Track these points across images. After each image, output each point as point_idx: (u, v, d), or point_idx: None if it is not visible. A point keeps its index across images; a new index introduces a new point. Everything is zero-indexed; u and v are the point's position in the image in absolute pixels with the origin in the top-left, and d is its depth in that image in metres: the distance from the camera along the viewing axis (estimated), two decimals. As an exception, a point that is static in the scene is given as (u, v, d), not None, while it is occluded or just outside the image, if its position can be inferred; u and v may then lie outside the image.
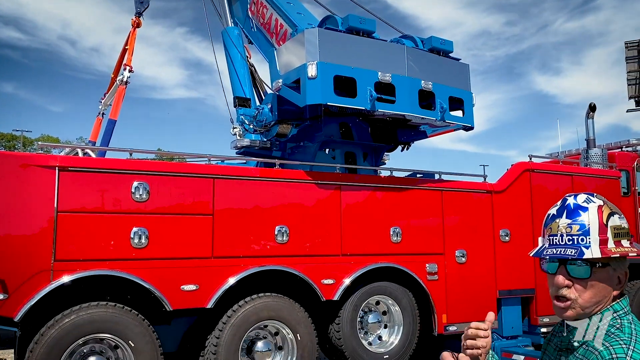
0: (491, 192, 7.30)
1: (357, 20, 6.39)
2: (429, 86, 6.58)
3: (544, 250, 1.61)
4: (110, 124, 10.35)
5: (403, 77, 6.44)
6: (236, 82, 8.65)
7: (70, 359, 4.99)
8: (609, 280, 1.53)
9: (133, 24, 10.94)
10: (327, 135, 7.29)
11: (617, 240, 1.54)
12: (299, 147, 7.61)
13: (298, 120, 7.03)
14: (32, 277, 4.89)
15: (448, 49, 6.97)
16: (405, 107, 6.41)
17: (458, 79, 6.96)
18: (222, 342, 5.57)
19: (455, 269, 6.90)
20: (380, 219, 6.52)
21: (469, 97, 6.99)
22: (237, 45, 8.79)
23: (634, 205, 8.93)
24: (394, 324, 6.61)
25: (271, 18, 8.16)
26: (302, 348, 5.95)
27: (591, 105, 9.12)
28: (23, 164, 4.99)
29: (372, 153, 7.75)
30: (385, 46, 6.62)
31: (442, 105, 6.61)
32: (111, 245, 5.21)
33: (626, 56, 23.34)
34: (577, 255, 1.51)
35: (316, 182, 6.23)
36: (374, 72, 6.23)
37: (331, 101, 6.03)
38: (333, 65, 6.05)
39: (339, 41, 6.25)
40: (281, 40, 7.76)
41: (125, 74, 10.66)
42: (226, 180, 5.79)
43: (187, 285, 5.47)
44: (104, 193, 5.25)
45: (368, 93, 6.13)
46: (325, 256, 6.16)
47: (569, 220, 1.56)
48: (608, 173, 8.63)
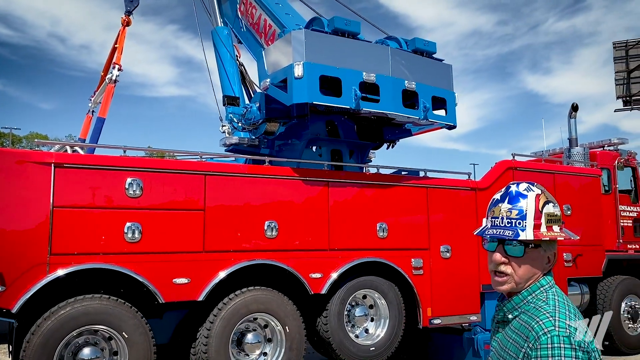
0: (475, 189, 7.56)
1: (343, 22, 6.63)
2: (412, 86, 6.83)
3: (486, 230, 1.82)
4: (99, 122, 10.49)
5: (387, 77, 6.69)
6: (225, 81, 8.84)
7: (65, 349, 5.18)
8: (540, 260, 1.76)
9: (123, 22, 11.07)
10: (313, 133, 7.52)
11: (549, 225, 1.75)
12: (287, 145, 7.83)
13: (285, 118, 7.25)
14: (29, 270, 5.07)
15: (431, 50, 7.23)
16: (389, 106, 6.66)
17: (441, 79, 7.22)
18: (213, 333, 5.78)
19: (440, 264, 7.16)
20: (367, 214, 6.76)
21: (451, 97, 7.25)
22: (226, 45, 8.99)
23: (614, 202, 9.23)
24: (380, 317, 6.85)
25: (260, 18, 8.37)
26: (291, 340, 6.17)
27: (573, 105, 9.41)
28: (19, 160, 5.17)
29: (358, 150, 8.00)
30: (370, 47, 6.86)
31: (425, 104, 6.86)
32: (105, 240, 5.40)
33: (614, 56, 23.74)
34: (513, 236, 1.72)
35: (305, 178, 6.45)
36: (358, 72, 6.47)
37: (317, 100, 6.26)
38: (319, 66, 6.28)
39: (325, 42, 6.48)
40: (270, 40, 7.97)
41: (114, 72, 10.79)
42: (217, 177, 6.00)
43: (179, 278, 5.67)
44: (99, 189, 5.44)
45: (353, 92, 6.37)
46: (313, 251, 6.39)
47: (510, 205, 1.77)
48: (589, 171, 8.92)
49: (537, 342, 1.59)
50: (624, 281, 8.81)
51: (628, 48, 23.32)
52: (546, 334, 1.59)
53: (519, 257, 1.74)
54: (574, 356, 1.54)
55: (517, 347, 1.67)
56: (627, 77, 23.37)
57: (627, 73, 23.22)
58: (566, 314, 1.65)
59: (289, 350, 6.15)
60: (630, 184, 9.71)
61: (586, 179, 8.76)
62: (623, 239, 9.18)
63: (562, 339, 1.57)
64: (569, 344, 1.56)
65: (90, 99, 11.74)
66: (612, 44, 23.86)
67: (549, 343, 1.57)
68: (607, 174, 9.31)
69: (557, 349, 1.55)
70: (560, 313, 1.65)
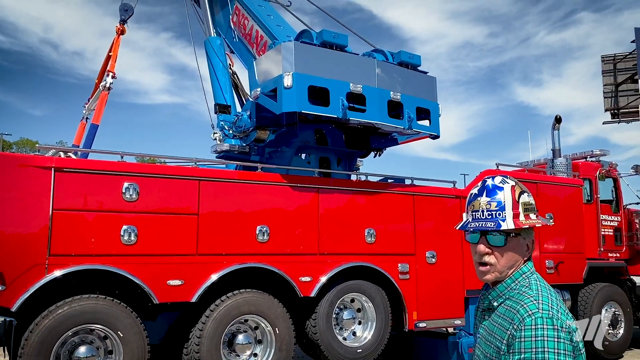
0: (460, 197, 7.87)
1: (331, 35, 6.96)
2: (397, 97, 7.16)
3: (468, 224, 1.91)
4: (93, 129, 10.72)
5: (373, 88, 7.01)
6: (217, 89, 9.12)
7: (61, 348, 5.39)
8: (520, 248, 1.86)
9: (117, 31, 11.31)
10: (302, 141, 7.83)
11: (527, 214, 1.86)
12: (276, 152, 8.12)
13: (275, 126, 7.54)
14: (28, 271, 5.29)
15: (416, 63, 7.58)
16: (374, 115, 6.99)
17: (425, 91, 7.57)
18: (205, 334, 6.02)
19: (425, 269, 7.45)
20: (356, 220, 7.05)
21: (435, 108, 7.60)
22: (219, 55, 9.27)
23: (596, 212, 9.58)
24: (368, 320, 7.11)
25: (252, 29, 8.68)
26: (280, 341, 6.41)
27: (557, 117, 9.79)
28: (21, 164, 5.42)
29: (345, 158, 8.32)
30: (357, 59, 7.20)
31: (410, 114, 7.20)
32: (102, 242, 5.64)
33: (602, 69, 24.26)
34: (495, 227, 1.82)
35: (296, 185, 6.74)
36: (346, 83, 6.79)
37: (306, 109, 6.58)
38: (308, 76, 6.59)
39: (313, 54, 6.80)
40: (261, 50, 8.28)
41: (108, 80, 11.03)
42: (211, 182, 6.27)
43: (173, 280, 5.91)
44: (97, 193, 5.68)
45: (340, 102, 6.68)
46: (303, 255, 6.65)
47: (488, 198, 1.87)
48: (572, 181, 9.27)
49: (522, 324, 1.68)
50: (605, 288, 9.14)
51: (616, 61, 23.86)
52: (530, 315, 1.68)
53: (501, 247, 1.84)
54: (556, 336, 1.63)
55: (503, 330, 1.75)
56: (615, 90, 23.88)
57: (615, 86, 23.74)
58: (548, 297, 1.75)
59: (279, 351, 6.39)
60: (612, 194, 10.08)
61: (568, 189, 9.11)
62: (604, 248, 9.52)
63: (545, 320, 1.66)
64: (552, 324, 1.65)
65: (84, 106, 11.96)
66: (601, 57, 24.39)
67: (533, 324, 1.66)
68: (589, 184, 9.67)
69: (540, 329, 1.64)
70: (543, 297, 1.75)
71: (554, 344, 1.62)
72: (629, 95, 23.42)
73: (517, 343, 1.67)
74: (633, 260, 10.09)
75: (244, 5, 8.98)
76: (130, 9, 11.45)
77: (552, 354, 1.60)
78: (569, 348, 1.63)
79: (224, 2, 9.55)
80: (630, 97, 23.33)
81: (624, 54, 23.52)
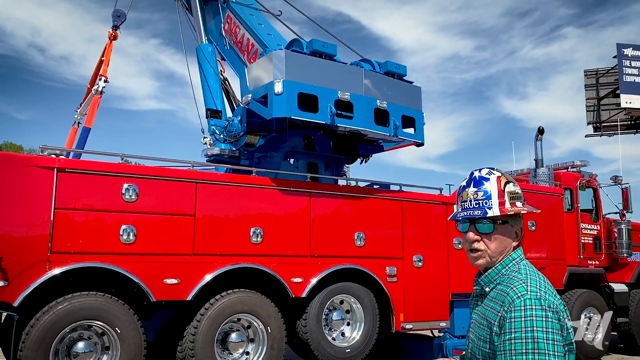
0: (446, 203, 8.25)
1: (320, 44, 7.33)
2: (383, 105, 7.54)
3: (457, 214, 2.04)
4: (85, 132, 10.92)
5: (360, 96, 7.39)
6: (208, 95, 9.41)
7: (60, 344, 5.61)
8: (509, 234, 1.99)
9: (110, 36, 11.55)
10: (291, 146, 8.16)
11: (512, 202, 1.98)
12: (265, 157, 8.43)
13: (265, 131, 7.85)
14: (30, 267, 5.52)
15: (402, 73, 7.99)
16: (361, 123, 7.36)
17: (410, 100, 7.97)
18: (200, 331, 6.27)
19: (412, 272, 7.79)
20: (346, 224, 7.38)
21: (420, 116, 8.00)
22: (210, 62, 9.57)
23: (576, 220, 10.02)
24: (356, 321, 7.41)
25: (243, 37, 9.00)
26: (272, 340, 6.69)
27: (539, 128, 10.25)
28: (25, 164, 5.66)
29: (332, 164, 8.67)
30: (345, 68, 7.57)
31: (395, 122, 7.58)
32: (102, 241, 5.89)
33: (585, 84, 25.03)
34: (482, 214, 1.95)
35: (289, 189, 7.05)
36: (334, 90, 7.16)
37: (295, 115, 6.92)
38: (297, 84, 6.94)
39: (303, 62, 7.16)
40: (252, 58, 8.59)
41: (100, 83, 11.25)
42: (207, 185, 6.55)
43: (169, 279, 6.17)
44: (97, 193, 5.94)
45: (328, 109, 7.03)
46: (295, 256, 6.96)
47: (475, 188, 2.00)
48: (553, 190, 9.71)
49: (512, 305, 1.78)
50: (584, 294, 9.56)
51: (598, 76, 24.65)
52: (519, 297, 1.78)
53: (489, 233, 1.97)
54: (544, 316, 1.73)
55: (495, 312, 1.85)
56: (598, 104, 24.65)
57: (598, 100, 24.51)
58: (537, 280, 1.87)
59: (271, 350, 6.66)
60: (592, 203, 10.54)
61: (550, 197, 9.54)
62: (584, 255, 9.96)
63: (533, 301, 1.76)
64: (540, 305, 1.75)
65: (76, 111, 12.16)
66: (584, 72, 25.16)
67: (522, 305, 1.76)
68: (569, 194, 10.11)
69: (529, 310, 1.74)
70: (531, 279, 1.86)
71: (542, 323, 1.72)
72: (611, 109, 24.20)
73: (507, 324, 1.77)
74: (612, 268, 10.55)
75: (236, 13, 9.30)
76: (123, 15, 11.70)
77: (540, 332, 1.71)
78: (556, 326, 1.74)
79: (215, 10, 9.86)
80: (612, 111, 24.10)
81: (606, 69, 24.31)
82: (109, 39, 11.62)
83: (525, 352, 1.69)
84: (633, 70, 22.87)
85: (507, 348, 1.74)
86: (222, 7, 9.58)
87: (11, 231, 5.53)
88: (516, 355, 1.71)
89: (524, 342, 1.71)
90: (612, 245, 10.45)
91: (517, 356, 1.71)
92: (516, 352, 1.71)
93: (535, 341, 1.70)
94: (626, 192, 10.63)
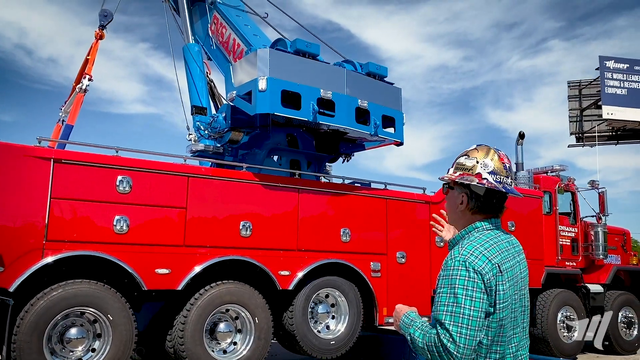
0: (429, 202, 8.61)
1: (304, 44, 7.68)
2: (364, 104, 7.90)
3: None
4: (67, 129, 11.09)
5: (342, 95, 7.74)
6: (194, 93, 9.68)
7: (53, 330, 5.83)
8: (454, 199, 2.32)
9: (96, 35, 11.74)
10: (274, 143, 8.48)
11: (455, 171, 2.30)
12: (249, 154, 8.73)
13: (249, 128, 8.14)
14: (26, 254, 5.76)
15: (383, 74, 8.36)
16: (343, 120, 7.72)
17: (391, 100, 8.36)
18: (190, 320, 6.53)
19: (395, 268, 8.12)
20: (333, 220, 7.71)
21: (400, 117, 8.38)
22: (196, 61, 9.84)
23: (555, 222, 10.44)
24: (341, 314, 7.71)
25: (230, 37, 9.31)
26: (259, 330, 6.96)
27: (520, 133, 10.69)
28: (23, 154, 5.89)
29: (315, 162, 9.01)
30: (327, 68, 7.93)
31: (376, 121, 7.95)
32: (96, 230, 6.14)
33: (568, 95, 25.65)
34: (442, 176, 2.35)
35: (278, 185, 7.35)
36: (316, 89, 7.50)
37: (278, 111, 7.24)
38: (281, 81, 7.26)
39: (287, 61, 7.49)
40: (238, 57, 8.88)
41: (84, 82, 11.43)
42: (199, 179, 6.83)
43: (161, 269, 6.42)
44: (92, 184, 6.20)
45: (311, 107, 7.36)
46: (283, 250, 7.26)
47: None
48: (533, 193, 10.13)
49: (445, 265, 2.12)
50: (561, 294, 9.98)
51: (581, 87, 25.30)
52: (452, 259, 2.10)
53: (445, 194, 2.39)
54: (467, 276, 2.01)
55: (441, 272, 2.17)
56: (580, 115, 25.28)
57: (580, 111, 25.16)
58: (476, 246, 2.10)
59: (257, 340, 6.93)
60: (570, 207, 10.98)
61: (530, 200, 9.96)
62: (561, 256, 10.39)
63: (461, 262, 2.05)
64: (465, 266, 2.03)
65: (60, 109, 12.31)
66: (567, 83, 25.81)
67: (452, 266, 2.07)
68: (548, 197, 10.53)
69: (455, 269, 2.05)
70: (469, 245, 2.11)
71: (464, 282, 2.01)
72: (593, 120, 24.82)
73: (440, 280, 2.11)
74: (588, 270, 10.99)
75: (223, 14, 9.60)
76: (110, 14, 11.91)
77: (460, 288, 2.00)
78: (478, 285, 2.00)
79: (203, 11, 10.15)
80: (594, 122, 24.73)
81: (588, 81, 24.96)
82: (95, 38, 11.83)
83: (447, 304, 2.01)
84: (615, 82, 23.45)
85: (437, 299, 2.07)
86: (209, 8, 9.85)
87: (8, 219, 5.77)
88: (440, 305, 2.03)
89: (447, 296, 2.02)
90: (589, 247, 10.89)
91: (441, 307, 2.03)
92: (440, 303, 2.04)
93: (455, 295, 2.00)
94: (602, 196, 11.10)
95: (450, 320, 1.98)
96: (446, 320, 1.98)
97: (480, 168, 2.22)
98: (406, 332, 2.15)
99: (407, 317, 2.18)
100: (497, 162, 2.25)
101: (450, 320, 1.98)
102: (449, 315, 1.99)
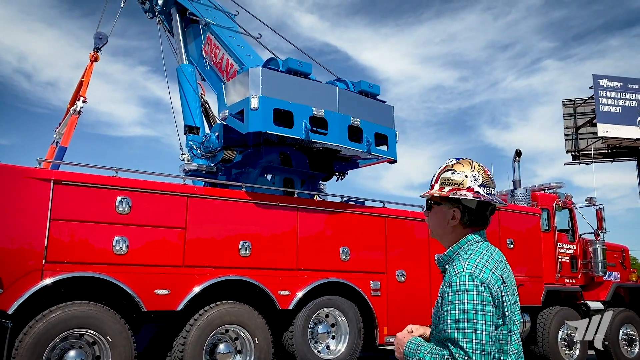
0: (428, 220, 8.61)
1: (296, 63, 7.78)
2: (357, 122, 7.99)
3: None
4: (61, 151, 11.14)
5: (335, 113, 7.84)
6: (187, 113, 9.79)
7: (52, 352, 5.80)
8: (442, 215, 2.24)
9: (91, 58, 11.87)
10: (268, 162, 8.54)
11: (442, 187, 2.22)
12: (242, 173, 8.78)
13: (242, 147, 8.19)
14: (25, 276, 5.77)
15: (375, 92, 8.48)
16: (335, 139, 7.79)
17: (383, 118, 8.46)
18: (189, 341, 6.52)
19: (395, 287, 8.14)
20: (332, 239, 7.75)
21: (392, 134, 8.48)
22: (190, 81, 9.98)
23: (553, 240, 10.48)
24: (341, 334, 7.71)
25: (223, 58, 9.44)
26: (259, 351, 6.94)
27: (517, 151, 10.80)
28: (23, 176, 5.93)
29: (309, 180, 9.06)
30: (320, 86, 8.04)
31: (369, 139, 8.04)
32: (95, 251, 6.16)
33: (563, 113, 25.91)
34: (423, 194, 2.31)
35: (277, 204, 7.39)
36: (309, 107, 7.59)
37: (270, 129, 7.32)
38: (273, 100, 7.36)
39: (279, 80, 7.60)
40: (231, 77, 9.01)
41: (78, 104, 11.52)
42: (198, 199, 6.87)
43: (160, 289, 6.42)
44: (92, 205, 6.24)
45: (303, 125, 7.45)
46: (282, 270, 7.28)
47: None
48: (531, 210, 10.19)
49: (450, 281, 2.05)
50: (561, 311, 9.99)
51: (576, 106, 25.57)
52: (456, 274, 2.04)
53: (429, 211, 2.33)
54: (475, 290, 1.98)
55: (442, 287, 2.11)
56: (576, 133, 25.52)
57: (575, 129, 25.40)
58: (477, 259, 2.07)
59: (258, 360, 6.89)
60: (568, 224, 11.04)
61: (527, 217, 10.02)
62: (561, 274, 10.41)
63: (467, 277, 2.00)
64: (472, 281, 1.99)
65: (55, 130, 12.39)
66: (562, 102, 26.07)
67: (457, 281, 2.01)
68: (546, 214, 10.59)
69: (462, 284, 2.00)
70: (472, 259, 2.07)
71: (473, 296, 1.96)
72: (589, 137, 25.04)
73: (446, 297, 2.03)
74: (588, 287, 11.01)
75: (216, 35, 9.76)
76: (105, 37, 12.08)
77: (470, 304, 1.95)
78: (487, 299, 1.97)
79: (196, 32, 10.31)
80: (590, 139, 24.95)
81: (583, 99, 25.24)
82: (90, 60, 11.96)
83: (457, 321, 1.96)
84: (609, 100, 23.70)
85: (445, 318, 2.01)
86: (203, 29, 10.02)
87: (7, 241, 5.79)
88: (450, 323, 1.98)
89: (457, 313, 1.97)
90: (588, 264, 10.93)
91: (451, 325, 1.97)
92: (450, 321, 1.98)
93: (465, 311, 1.95)
94: (600, 212, 11.17)
95: (464, 337, 1.93)
96: (459, 338, 1.94)
97: (470, 182, 2.20)
98: (414, 358, 2.08)
99: (412, 343, 2.13)
100: (484, 175, 2.23)
101: (464, 337, 1.94)
102: (462, 332, 1.94)
